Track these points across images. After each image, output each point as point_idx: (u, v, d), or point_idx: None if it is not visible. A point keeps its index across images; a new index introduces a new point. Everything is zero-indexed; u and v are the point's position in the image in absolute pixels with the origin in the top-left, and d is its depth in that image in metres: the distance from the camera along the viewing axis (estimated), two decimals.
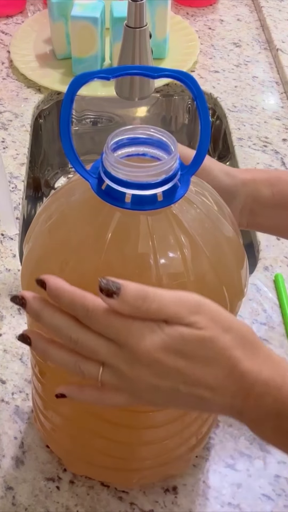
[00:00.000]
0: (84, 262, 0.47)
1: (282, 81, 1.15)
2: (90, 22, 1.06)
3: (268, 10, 1.31)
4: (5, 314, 0.76)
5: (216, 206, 0.51)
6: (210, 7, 1.34)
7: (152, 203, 0.46)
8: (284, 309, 0.78)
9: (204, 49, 1.22)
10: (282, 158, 1.00)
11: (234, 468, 0.64)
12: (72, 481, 0.62)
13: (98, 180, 0.47)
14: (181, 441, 0.59)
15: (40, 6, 1.32)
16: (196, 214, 0.48)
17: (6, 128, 1.03)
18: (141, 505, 0.61)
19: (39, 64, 1.14)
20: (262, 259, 0.84)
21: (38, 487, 0.62)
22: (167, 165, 0.45)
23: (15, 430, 0.65)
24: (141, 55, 0.84)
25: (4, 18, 1.28)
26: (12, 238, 0.85)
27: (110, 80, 0.48)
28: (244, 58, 1.21)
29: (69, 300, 0.44)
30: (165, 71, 0.48)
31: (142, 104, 1.20)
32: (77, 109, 1.17)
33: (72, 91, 0.47)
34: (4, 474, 0.62)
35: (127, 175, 0.45)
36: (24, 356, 0.72)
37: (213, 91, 1.13)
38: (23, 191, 0.93)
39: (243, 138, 1.04)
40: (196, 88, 0.48)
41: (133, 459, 0.59)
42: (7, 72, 1.15)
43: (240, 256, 0.51)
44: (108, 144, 0.46)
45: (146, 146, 0.48)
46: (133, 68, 0.49)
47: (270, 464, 0.64)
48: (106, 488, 0.62)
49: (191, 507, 0.61)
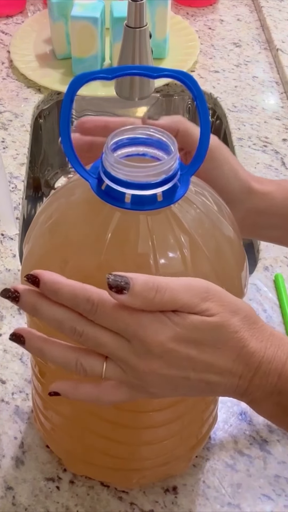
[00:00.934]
0: (84, 262, 0.47)
1: (282, 81, 1.15)
2: (90, 22, 1.06)
3: (268, 10, 1.31)
4: (5, 314, 0.76)
5: (216, 206, 0.51)
6: (210, 7, 1.34)
7: (152, 203, 0.46)
8: (284, 309, 0.78)
9: (204, 49, 1.22)
10: (282, 158, 1.00)
11: (234, 468, 0.64)
12: (72, 481, 0.62)
13: (98, 180, 0.47)
14: (181, 441, 0.59)
15: (40, 6, 1.32)
16: (196, 214, 0.48)
17: (6, 128, 1.03)
18: (141, 505, 0.61)
19: (39, 64, 1.14)
20: (262, 259, 0.84)
21: (38, 487, 0.62)
22: (167, 165, 0.45)
23: (15, 430, 0.65)
24: (141, 55, 0.84)
25: (4, 18, 1.28)
26: (12, 238, 0.85)
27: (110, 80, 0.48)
28: (244, 58, 1.21)
29: (70, 295, 0.42)
30: (165, 71, 0.48)
31: (142, 104, 1.20)
32: (77, 109, 1.17)
33: (72, 91, 0.47)
34: (4, 474, 0.62)
35: (127, 175, 0.45)
36: (24, 356, 0.72)
37: (213, 91, 1.13)
38: (23, 191, 0.93)
39: (243, 138, 1.04)
40: (196, 88, 0.48)
41: (133, 459, 0.59)
42: (7, 72, 1.15)
43: (240, 256, 0.51)
44: (108, 144, 0.46)
45: (145, 146, 0.48)
46: (133, 68, 0.49)
47: (270, 464, 0.64)
48: (106, 488, 0.62)
49: (191, 507, 0.61)
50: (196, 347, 0.43)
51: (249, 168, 0.98)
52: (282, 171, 0.98)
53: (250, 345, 0.44)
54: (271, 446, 0.65)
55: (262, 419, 0.67)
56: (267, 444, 0.65)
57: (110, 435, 0.56)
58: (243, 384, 0.45)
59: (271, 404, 0.46)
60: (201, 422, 0.59)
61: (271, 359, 0.44)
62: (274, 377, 0.44)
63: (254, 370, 0.44)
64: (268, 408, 0.46)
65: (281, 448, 0.65)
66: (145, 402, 0.52)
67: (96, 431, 0.56)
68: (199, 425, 0.59)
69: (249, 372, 0.44)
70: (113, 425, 0.55)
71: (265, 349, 0.45)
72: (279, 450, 0.65)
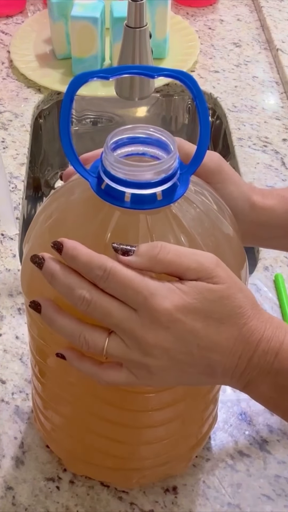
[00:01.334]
0: None
1: (282, 81, 1.15)
2: (90, 22, 1.06)
3: (268, 10, 1.31)
4: (5, 314, 0.76)
5: (216, 206, 0.51)
6: (210, 7, 1.34)
7: (152, 202, 0.46)
8: (284, 309, 0.78)
9: (204, 49, 1.22)
10: (282, 158, 1.00)
11: (234, 468, 0.64)
12: (72, 481, 0.62)
13: (98, 179, 0.47)
14: (181, 441, 0.59)
15: (40, 6, 1.32)
16: (196, 213, 0.48)
17: (6, 128, 1.03)
18: (141, 505, 0.61)
19: (39, 64, 1.14)
20: (262, 259, 0.84)
21: (38, 487, 0.61)
22: (167, 164, 0.45)
23: (15, 430, 0.65)
24: (141, 55, 0.84)
25: (4, 18, 1.28)
26: (12, 238, 0.85)
27: (110, 80, 0.48)
28: (244, 58, 1.21)
29: (86, 260, 0.43)
30: (165, 71, 0.48)
31: (142, 104, 1.20)
32: (77, 109, 1.17)
33: (72, 91, 0.47)
34: (4, 474, 0.62)
35: (126, 174, 0.45)
36: (24, 356, 0.72)
37: (213, 91, 1.13)
38: (23, 191, 0.93)
39: (243, 138, 1.04)
40: (195, 88, 0.48)
41: (133, 458, 0.59)
42: (7, 72, 1.15)
43: (240, 256, 0.51)
44: (108, 144, 0.46)
45: (145, 146, 0.48)
46: (133, 68, 0.49)
47: (270, 464, 0.64)
48: (106, 488, 0.62)
49: (191, 507, 0.61)
50: (202, 320, 0.44)
51: (249, 168, 0.98)
52: (282, 171, 0.98)
53: (251, 322, 0.45)
54: (271, 446, 0.65)
55: (262, 419, 0.67)
56: (267, 444, 0.65)
57: (110, 434, 0.56)
58: (241, 364, 0.45)
59: (267, 385, 0.46)
60: (201, 422, 0.59)
61: (270, 338, 0.45)
62: (272, 355, 0.45)
63: (253, 349, 0.45)
64: (264, 390, 0.47)
65: (281, 448, 0.65)
66: (145, 401, 0.52)
67: (96, 430, 0.56)
68: (199, 425, 0.59)
69: (248, 351, 0.45)
70: (113, 425, 0.55)
71: (265, 328, 0.46)
72: (279, 450, 0.65)
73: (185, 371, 0.46)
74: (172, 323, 0.43)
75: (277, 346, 0.45)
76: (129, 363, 0.45)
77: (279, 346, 0.45)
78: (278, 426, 0.67)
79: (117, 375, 0.46)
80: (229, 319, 0.44)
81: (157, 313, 0.43)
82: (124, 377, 0.46)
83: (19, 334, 0.74)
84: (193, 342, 0.44)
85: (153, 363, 0.44)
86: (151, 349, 0.44)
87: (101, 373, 0.46)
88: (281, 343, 0.45)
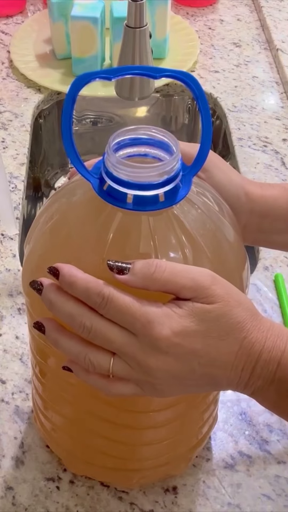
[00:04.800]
0: (86, 262, 0.46)
1: (282, 81, 1.15)
2: (90, 22, 1.06)
3: (268, 10, 1.31)
4: (5, 314, 0.76)
5: (217, 207, 0.51)
6: (210, 7, 1.34)
7: (154, 203, 0.46)
8: (284, 309, 0.78)
9: (204, 49, 1.22)
10: (282, 158, 1.00)
11: (234, 468, 0.64)
12: (72, 481, 0.62)
13: (100, 180, 0.47)
14: (181, 441, 0.59)
15: (40, 6, 1.31)
16: (198, 214, 0.48)
17: (6, 128, 1.03)
18: (141, 505, 0.61)
19: (39, 64, 1.14)
20: (262, 259, 0.84)
21: (38, 487, 0.62)
22: (169, 165, 0.45)
23: (15, 430, 0.65)
24: (141, 55, 0.84)
25: (4, 18, 1.28)
26: (12, 238, 0.85)
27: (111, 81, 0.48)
28: (244, 58, 1.21)
29: (84, 287, 0.43)
30: (166, 71, 0.48)
31: (142, 104, 1.20)
32: (77, 109, 1.17)
33: (74, 91, 0.47)
34: (4, 474, 0.62)
35: (128, 175, 0.45)
36: (24, 356, 0.72)
37: (213, 91, 1.13)
38: (23, 191, 0.93)
39: (243, 138, 1.04)
40: (197, 88, 0.48)
41: (133, 459, 0.59)
42: (7, 72, 1.15)
43: (241, 256, 0.51)
44: (110, 145, 0.46)
45: (147, 147, 0.48)
46: (135, 68, 0.49)
47: (270, 464, 0.64)
48: (106, 488, 0.62)
49: (191, 507, 0.61)
50: (201, 341, 0.44)
51: (249, 168, 0.98)
52: (282, 171, 0.98)
53: (251, 335, 0.45)
54: (271, 446, 0.65)
55: (262, 419, 0.67)
56: (267, 444, 0.65)
57: (110, 435, 0.56)
58: (244, 375, 0.46)
59: (272, 392, 0.46)
60: (202, 422, 0.59)
61: (271, 348, 0.45)
62: (274, 365, 0.45)
63: (255, 360, 0.45)
64: (270, 397, 0.47)
65: (281, 448, 0.65)
66: (145, 402, 0.52)
67: (96, 431, 0.56)
68: (199, 425, 0.59)
69: (250, 363, 0.45)
70: (113, 425, 0.55)
71: (265, 339, 0.46)
72: (279, 450, 0.65)
73: (189, 384, 0.46)
74: (171, 348, 0.43)
75: (279, 355, 0.45)
76: (135, 381, 0.46)
77: (280, 355, 0.45)
78: (278, 426, 0.67)
79: (124, 388, 0.46)
80: (228, 335, 0.44)
81: (156, 340, 0.43)
82: (131, 390, 0.46)
83: (19, 334, 0.74)
84: (194, 361, 0.44)
85: (157, 381, 0.45)
86: (153, 371, 0.44)
87: (109, 386, 0.46)
88: (282, 352, 0.46)
